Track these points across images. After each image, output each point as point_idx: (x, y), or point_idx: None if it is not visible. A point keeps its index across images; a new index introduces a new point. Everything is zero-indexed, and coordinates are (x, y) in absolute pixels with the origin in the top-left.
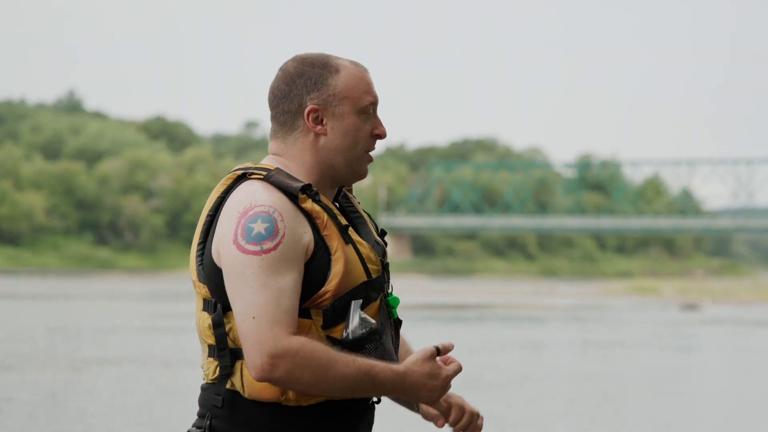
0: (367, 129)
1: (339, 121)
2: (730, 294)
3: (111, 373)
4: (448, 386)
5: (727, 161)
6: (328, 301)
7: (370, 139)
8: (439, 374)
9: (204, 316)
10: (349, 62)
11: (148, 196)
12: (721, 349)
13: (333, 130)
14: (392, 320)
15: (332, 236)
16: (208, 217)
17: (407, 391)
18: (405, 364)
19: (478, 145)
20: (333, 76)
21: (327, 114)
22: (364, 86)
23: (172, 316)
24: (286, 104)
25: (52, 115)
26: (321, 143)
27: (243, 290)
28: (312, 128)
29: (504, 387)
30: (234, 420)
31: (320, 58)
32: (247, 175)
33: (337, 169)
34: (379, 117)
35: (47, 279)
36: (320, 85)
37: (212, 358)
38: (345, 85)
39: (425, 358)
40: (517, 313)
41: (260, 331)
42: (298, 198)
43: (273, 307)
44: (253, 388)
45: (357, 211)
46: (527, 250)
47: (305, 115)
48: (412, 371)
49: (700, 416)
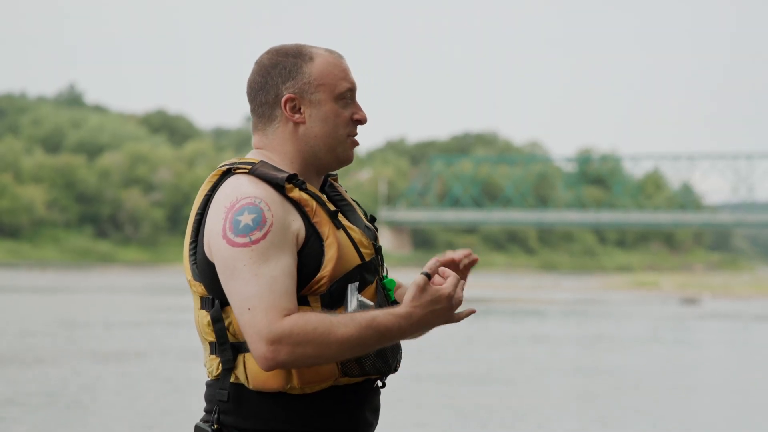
0: (346, 115)
1: (316, 109)
2: (730, 288)
3: (111, 367)
4: (453, 302)
5: (727, 156)
6: (325, 287)
7: (351, 124)
8: (441, 295)
9: (203, 314)
10: (323, 50)
11: (149, 190)
12: (720, 344)
13: (311, 118)
14: (390, 302)
15: (322, 222)
16: (197, 216)
17: (418, 327)
18: (404, 303)
19: (478, 139)
20: (307, 64)
21: (304, 102)
22: (339, 72)
23: (172, 309)
24: (263, 96)
25: (52, 108)
26: (301, 132)
27: (237, 284)
28: (290, 117)
29: (504, 381)
30: (241, 412)
31: (294, 47)
32: (233, 170)
33: (320, 156)
34: (359, 103)
35: (47, 272)
36: (295, 73)
37: (214, 355)
38: (320, 72)
39: (420, 289)
40: (517, 307)
41: (256, 321)
42: (285, 188)
43: (267, 296)
44: (257, 380)
45: (344, 198)
46: (527, 244)
47: (282, 104)
48: (414, 307)
49: (700, 410)
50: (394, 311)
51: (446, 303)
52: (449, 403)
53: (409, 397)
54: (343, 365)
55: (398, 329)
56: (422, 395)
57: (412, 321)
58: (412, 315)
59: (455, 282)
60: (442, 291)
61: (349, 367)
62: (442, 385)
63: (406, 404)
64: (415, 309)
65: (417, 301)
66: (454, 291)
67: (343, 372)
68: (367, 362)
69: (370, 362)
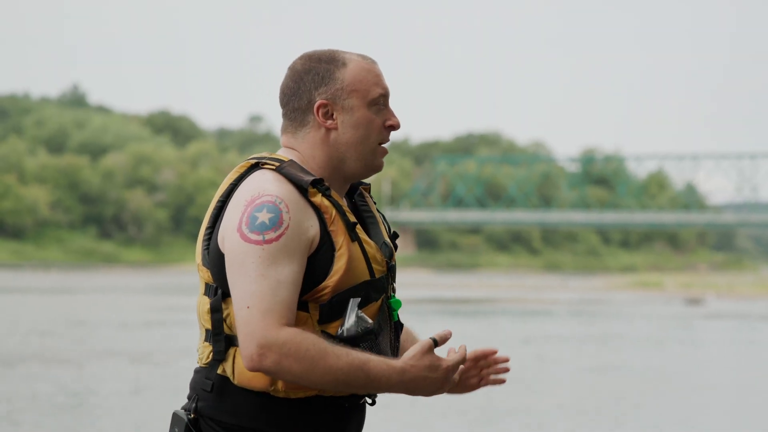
0: (378, 121)
1: (349, 115)
2: (734, 288)
3: (114, 367)
4: (450, 377)
5: (730, 156)
6: (327, 297)
7: (383, 131)
8: (440, 366)
9: (204, 300)
10: (356, 55)
11: (152, 190)
12: (724, 343)
13: (343, 124)
14: (392, 323)
15: (338, 232)
16: (218, 203)
17: (407, 386)
18: (403, 359)
19: (481, 140)
20: (340, 69)
21: (336, 108)
22: (372, 78)
23: (175, 309)
24: (295, 101)
25: (56, 109)
26: (332, 138)
27: (242, 279)
28: (322, 123)
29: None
30: (221, 405)
31: (327, 53)
32: (260, 164)
33: (349, 164)
34: (392, 109)
35: (51, 273)
36: (328, 79)
37: (208, 342)
38: (353, 78)
39: (423, 352)
40: (521, 307)
41: (252, 321)
42: (308, 191)
43: (269, 298)
44: (242, 376)
45: (370, 210)
46: (531, 244)
47: (315, 110)
48: (411, 366)
49: (704, 409)
50: (390, 362)
51: (442, 375)
52: (448, 403)
53: (408, 398)
54: None
55: (387, 382)
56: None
57: (403, 378)
58: (406, 373)
59: (459, 360)
60: (444, 361)
61: None
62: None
63: (405, 405)
64: (411, 368)
65: (415, 360)
66: (454, 367)
67: None
68: None
69: None
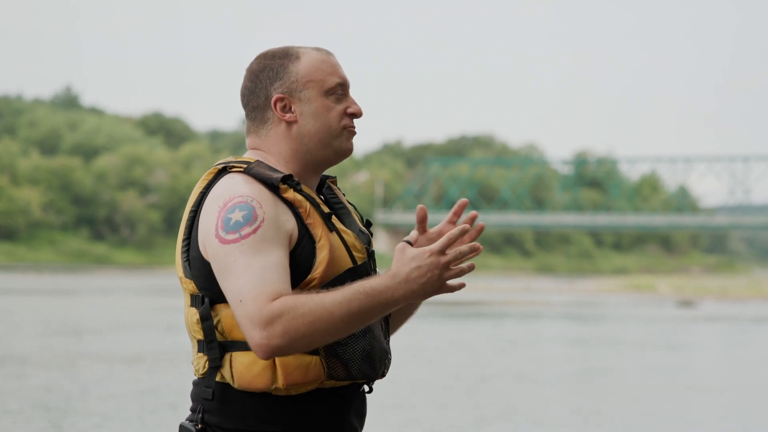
0: (339, 109)
1: (307, 105)
2: (727, 291)
3: (106, 369)
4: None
5: (723, 158)
6: (315, 289)
7: (345, 117)
8: (423, 251)
9: (192, 311)
10: (311, 48)
11: (145, 192)
12: (717, 346)
13: (303, 116)
14: None
15: (316, 224)
16: (191, 213)
17: (407, 286)
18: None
19: (474, 142)
20: (294, 63)
21: (294, 100)
22: (327, 68)
23: (167, 311)
24: (254, 100)
25: (49, 110)
26: (294, 131)
27: (230, 279)
28: (282, 117)
29: (499, 383)
30: (225, 412)
31: (281, 49)
32: (228, 168)
33: (316, 153)
34: (353, 98)
35: (43, 275)
36: (282, 74)
37: (201, 353)
38: (307, 70)
39: (401, 251)
40: (514, 309)
41: (247, 310)
42: (279, 188)
43: (257, 283)
44: (242, 379)
45: (341, 201)
46: (524, 246)
47: (272, 105)
48: (397, 267)
49: (696, 412)
50: (379, 275)
51: (430, 259)
52: (444, 403)
53: (406, 401)
54: (330, 368)
55: (386, 288)
56: (417, 397)
57: (398, 279)
58: (397, 273)
59: (445, 242)
60: (425, 249)
61: (335, 370)
62: (439, 387)
63: (405, 405)
64: (399, 267)
65: (399, 261)
66: (440, 248)
67: (329, 375)
68: (353, 366)
69: (356, 367)
